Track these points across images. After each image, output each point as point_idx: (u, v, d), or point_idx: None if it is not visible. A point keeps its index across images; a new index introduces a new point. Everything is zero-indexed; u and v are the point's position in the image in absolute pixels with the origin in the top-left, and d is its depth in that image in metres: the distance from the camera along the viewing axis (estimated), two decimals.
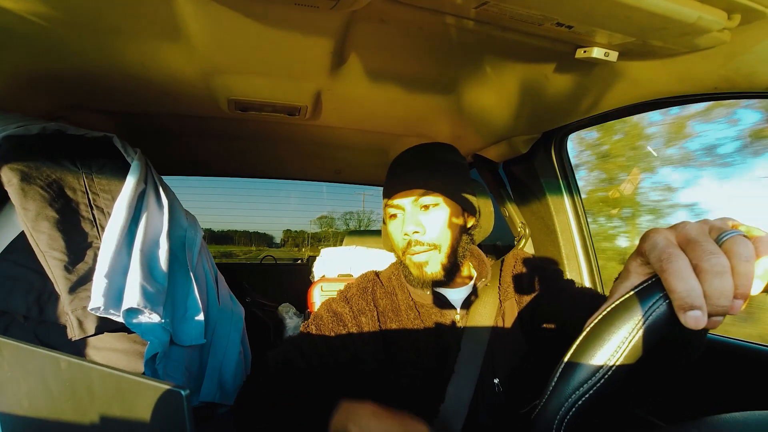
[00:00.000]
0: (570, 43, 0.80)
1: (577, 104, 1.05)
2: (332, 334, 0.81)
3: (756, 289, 0.33)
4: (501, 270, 0.89)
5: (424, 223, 0.81)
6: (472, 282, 0.88)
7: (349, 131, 1.50)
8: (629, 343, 0.34)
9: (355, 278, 0.93)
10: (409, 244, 0.81)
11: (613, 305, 0.36)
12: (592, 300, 0.74)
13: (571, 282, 0.85)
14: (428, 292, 0.84)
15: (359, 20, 0.79)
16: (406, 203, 0.82)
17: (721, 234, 0.35)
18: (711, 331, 1.01)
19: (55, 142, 0.99)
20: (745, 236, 0.34)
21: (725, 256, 0.33)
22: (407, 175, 0.83)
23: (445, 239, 0.82)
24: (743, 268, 0.33)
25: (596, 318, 0.37)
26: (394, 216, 0.85)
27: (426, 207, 0.82)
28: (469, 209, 0.87)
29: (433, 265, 0.81)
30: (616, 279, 0.58)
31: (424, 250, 0.80)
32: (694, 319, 0.32)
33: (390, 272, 0.93)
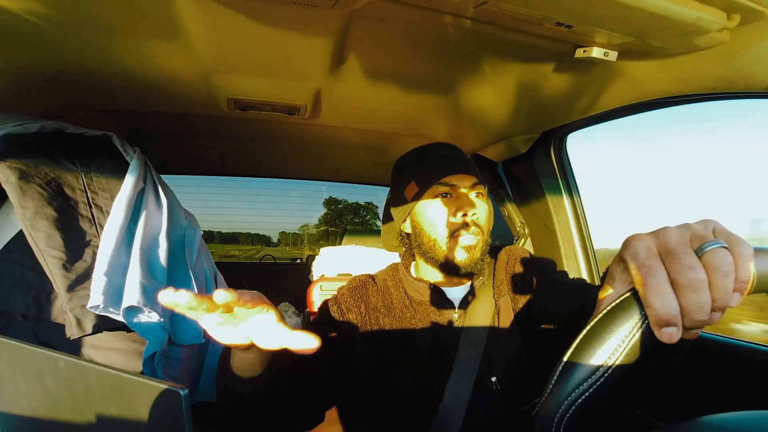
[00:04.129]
0: (569, 43, 0.80)
1: (577, 104, 1.05)
2: (322, 334, 0.81)
3: (734, 302, 0.34)
4: (494, 267, 0.89)
5: (477, 208, 0.82)
6: (470, 281, 0.88)
7: (349, 131, 1.50)
8: (617, 356, 0.35)
9: (349, 280, 0.93)
10: (464, 225, 0.80)
11: (598, 318, 0.36)
12: (583, 290, 0.74)
13: (563, 273, 0.85)
14: (428, 287, 0.84)
15: (359, 20, 0.78)
16: (463, 185, 0.82)
17: (702, 244, 0.35)
18: (710, 330, 1.02)
19: (54, 140, 0.99)
20: (725, 247, 0.34)
21: (703, 270, 0.33)
22: (461, 161, 0.85)
23: (488, 229, 0.84)
24: (721, 282, 0.33)
25: (590, 323, 0.37)
26: (444, 196, 0.82)
27: (477, 195, 0.84)
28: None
29: (478, 250, 0.81)
30: (602, 279, 0.58)
31: (476, 233, 0.80)
32: (668, 335, 0.33)
33: (386, 273, 0.93)
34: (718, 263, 0.33)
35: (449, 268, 0.82)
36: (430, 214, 0.83)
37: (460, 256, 0.80)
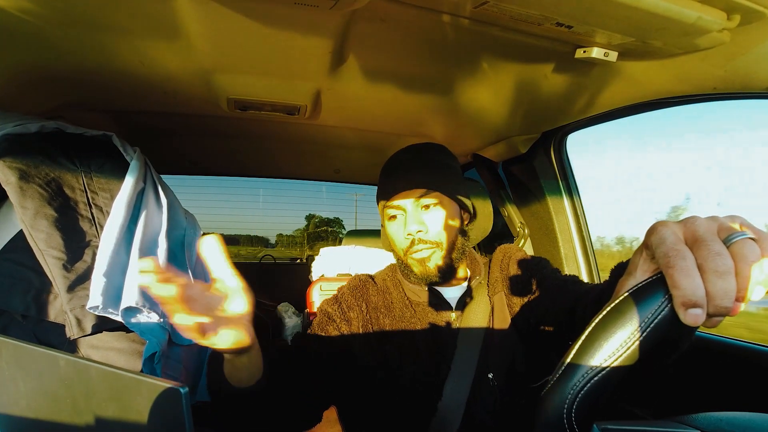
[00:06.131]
0: (569, 43, 0.80)
1: (577, 104, 1.05)
2: (323, 333, 0.81)
3: (758, 294, 0.34)
4: (489, 266, 0.90)
5: (426, 222, 0.81)
6: (467, 282, 0.89)
7: (349, 131, 1.50)
8: (634, 339, 0.34)
9: (349, 279, 0.94)
10: (412, 243, 0.81)
11: (621, 298, 0.36)
12: (576, 285, 0.74)
13: (556, 270, 0.86)
14: (425, 289, 0.85)
15: (359, 20, 0.78)
16: (408, 203, 0.83)
17: (730, 235, 0.35)
18: (710, 331, 1.02)
19: (54, 140, 0.99)
20: (753, 239, 0.34)
21: (731, 258, 0.33)
22: (407, 175, 0.84)
23: (446, 237, 0.83)
24: (748, 271, 0.33)
25: (604, 310, 0.37)
26: (394, 217, 0.85)
27: (427, 206, 0.83)
28: (464, 209, 0.88)
29: (435, 260, 0.82)
30: (615, 269, 0.57)
31: (427, 248, 0.81)
32: (693, 317, 0.33)
33: (385, 273, 0.93)
34: (747, 253, 0.33)
35: (412, 280, 0.85)
36: (389, 235, 0.87)
37: (421, 269, 0.82)
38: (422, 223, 0.81)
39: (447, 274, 0.82)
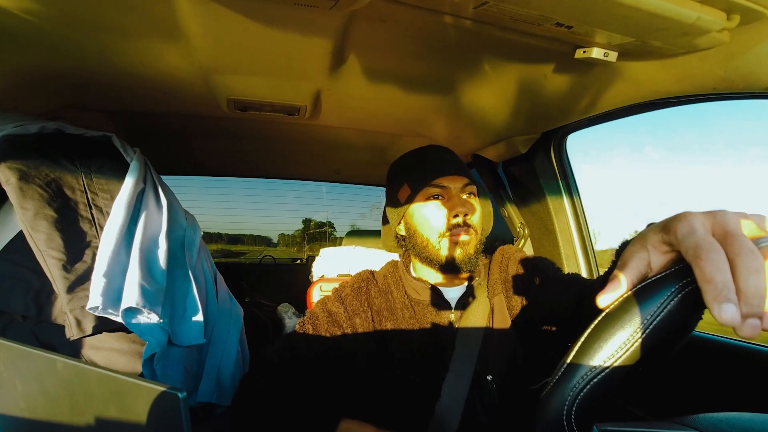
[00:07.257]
0: (569, 44, 0.80)
1: (577, 104, 1.05)
2: (327, 334, 0.81)
3: None
4: (489, 267, 0.90)
5: (469, 209, 0.82)
6: (467, 282, 0.89)
7: (349, 131, 1.50)
8: (635, 339, 0.34)
9: (350, 277, 0.93)
10: (456, 225, 0.81)
11: (622, 299, 0.36)
12: (580, 284, 0.74)
13: (557, 269, 0.86)
14: (428, 287, 0.85)
15: (359, 20, 0.78)
16: (455, 186, 0.83)
17: (760, 238, 0.33)
18: (709, 331, 1.02)
19: (54, 141, 0.99)
20: None
21: (762, 258, 0.32)
22: (452, 163, 0.86)
23: (480, 228, 0.85)
24: None
25: (605, 310, 0.36)
26: (435, 198, 0.84)
27: (469, 195, 0.85)
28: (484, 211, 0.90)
29: (471, 247, 0.82)
30: (619, 248, 0.55)
31: (468, 232, 0.82)
32: (730, 313, 0.30)
33: (386, 271, 0.93)
34: None
35: (443, 266, 0.83)
36: (423, 216, 0.84)
37: (453, 252, 0.81)
38: (468, 207, 0.82)
39: (474, 262, 0.83)
